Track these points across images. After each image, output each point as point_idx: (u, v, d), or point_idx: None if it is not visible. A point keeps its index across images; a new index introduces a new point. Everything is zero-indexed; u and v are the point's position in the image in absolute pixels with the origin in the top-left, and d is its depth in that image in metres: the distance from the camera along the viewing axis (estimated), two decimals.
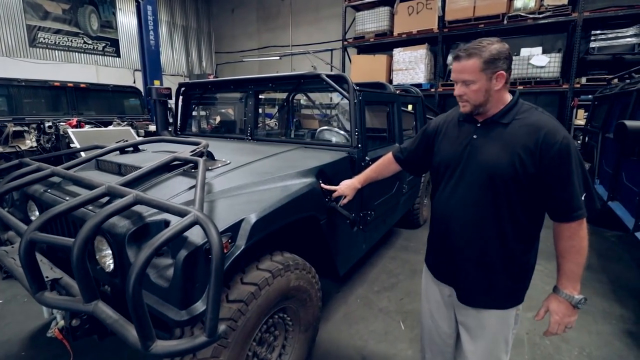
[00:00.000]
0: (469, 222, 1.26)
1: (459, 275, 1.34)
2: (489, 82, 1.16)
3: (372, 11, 7.55)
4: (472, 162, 1.24)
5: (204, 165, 1.60)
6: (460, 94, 1.23)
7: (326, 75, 2.21)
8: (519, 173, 1.14)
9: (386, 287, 3.02)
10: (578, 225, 1.13)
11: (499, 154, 1.18)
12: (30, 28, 8.09)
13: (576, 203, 1.11)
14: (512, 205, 1.18)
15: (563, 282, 1.19)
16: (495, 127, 1.22)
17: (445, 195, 1.33)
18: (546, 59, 5.84)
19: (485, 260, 1.26)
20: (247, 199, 1.53)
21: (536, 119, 1.17)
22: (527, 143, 1.13)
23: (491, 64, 1.14)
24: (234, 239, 1.34)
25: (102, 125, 4.66)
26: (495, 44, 1.15)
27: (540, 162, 1.12)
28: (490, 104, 1.21)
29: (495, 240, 1.23)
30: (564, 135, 1.12)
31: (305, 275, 1.77)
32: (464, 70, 1.18)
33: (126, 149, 2.40)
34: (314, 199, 1.78)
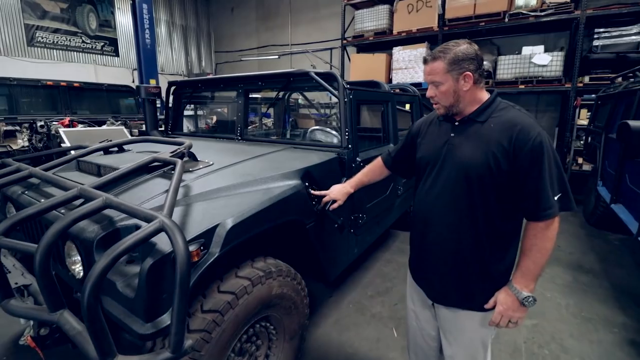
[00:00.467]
0: (444, 220, 1.27)
1: (433, 272, 1.34)
2: (456, 82, 1.18)
3: (371, 9, 7.45)
4: (449, 160, 1.25)
5: (181, 167, 1.52)
6: (431, 96, 1.26)
7: (315, 73, 2.13)
8: (493, 171, 1.14)
9: (380, 291, 2.94)
10: (545, 225, 1.12)
11: (474, 151, 1.18)
12: (28, 27, 8.05)
13: (545, 202, 1.10)
14: (487, 204, 1.19)
15: (517, 276, 1.19)
16: (472, 125, 1.23)
17: (423, 192, 1.35)
18: (548, 57, 5.73)
19: (458, 258, 1.26)
20: (225, 203, 1.45)
21: (511, 116, 1.17)
22: (501, 140, 1.14)
23: (455, 64, 1.16)
24: (207, 245, 1.27)
25: (96, 124, 4.60)
26: (462, 46, 1.17)
27: (514, 159, 1.12)
28: (462, 104, 1.23)
29: (470, 240, 1.23)
30: (538, 132, 1.11)
31: (290, 282, 1.69)
32: (431, 72, 1.21)
33: (110, 149, 2.33)
34: (299, 202, 1.70)
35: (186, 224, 1.30)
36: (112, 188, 1.67)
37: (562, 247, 3.86)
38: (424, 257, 1.38)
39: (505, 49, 6.90)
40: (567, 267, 3.39)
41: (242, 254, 1.60)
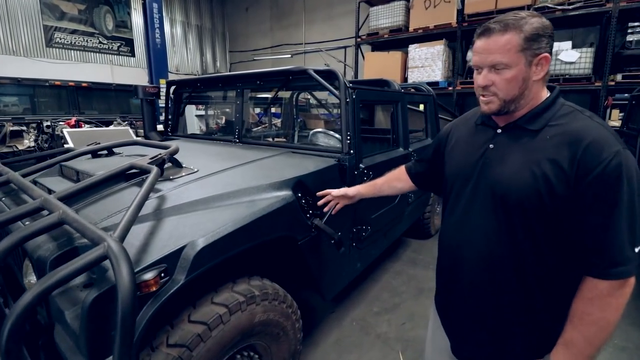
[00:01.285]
0: (478, 259, 0.96)
1: (461, 324, 1.05)
2: (529, 68, 0.85)
3: (386, 6, 7.19)
4: (483, 179, 0.95)
5: (154, 177, 1.36)
6: (486, 84, 0.90)
7: (314, 70, 1.93)
8: (544, 200, 0.83)
9: (387, 308, 2.70)
10: (610, 287, 0.79)
11: (519, 171, 0.87)
12: (47, 28, 8.21)
13: (615, 254, 0.78)
14: (535, 242, 0.87)
15: (559, 353, 0.87)
16: (521, 134, 0.91)
17: (454, 219, 1.04)
18: (576, 54, 5.31)
19: (498, 313, 0.95)
20: (199, 219, 1.27)
21: (579, 126, 0.83)
22: (559, 158, 0.82)
23: (534, 42, 0.83)
24: (170, 271, 1.09)
25: (104, 124, 4.57)
26: (537, 17, 0.85)
27: (575, 188, 0.80)
28: (525, 100, 0.90)
29: (514, 289, 0.92)
30: (615, 150, 0.78)
31: (278, 306, 1.50)
32: (495, 50, 0.86)
33: (99, 153, 2.21)
34: (289, 216, 1.51)
35: (149, 244, 1.13)
36: (85, 197, 1.53)
37: None
38: (452, 303, 1.08)
39: None
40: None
41: (224, 275, 1.42)
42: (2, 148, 3.74)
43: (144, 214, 1.30)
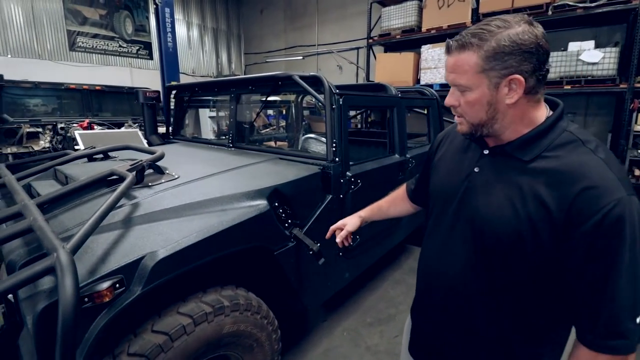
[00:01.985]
0: (453, 289, 0.88)
1: (430, 346, 0.99)
2: (495, 90, 0.73)
3: (398, 6, 7.06)
4: (464, 207, 0.85)
5: (125, 185, 1.36)
6: (451, 105, 0.81)
7: (299, 76, 1.90)
8: (526, 244, 0.72)
9: (381, 319, 2.63)
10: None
11: (500, 206, 0.77)
12: (70, 33, 8.57)
13: (612, 325, 0.66)
14: (514, 285, 0.78)
15: None
16: (507, 162, 0.79)
17: (432, 243, 0.97)
18: (599, 54, 5.02)
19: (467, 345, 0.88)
20: (166, 229, 1.26)
21: (577, 163, 0.70)
22: (547, 199, 0.70)
23: (498, 61, 0.71)
24: (127, 282, 1.08)
25: (115, 126, 4.71)
26: (514, 28, 0.70)
27: (564, 237, 0.68)
28: (499, 125, 0.77)
29: (487, 330, 0.84)
30: (618, 198, 0.65)
31: (250, 317, 1.48)
32: (454, 69, 0.77)
33: (95, 156, 2.26)
34: (262, 225, 1.48)
35: (110, 254, 1.12)
36: (68, 202, 1.55)
37: None
38: (423, 325, 1.02)
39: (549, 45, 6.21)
40: None
41: (195, 283, 1.41)
42: (19, 148, 3.93)
43: (114, 221, 1.31)
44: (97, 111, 4.90)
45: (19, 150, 3.92)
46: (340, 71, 9.77)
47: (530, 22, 0.72)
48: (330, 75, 10.07)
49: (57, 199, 1.45)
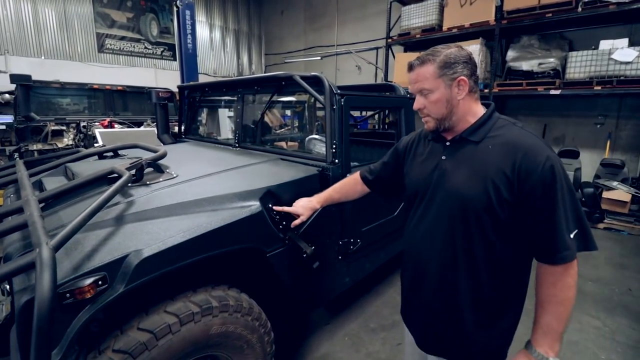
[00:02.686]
0: (437, 261, 1.10)
1: (425, 320, 1.17)
2: (449, 89, 1.02)
3: (419, 5, 6.90)
4: (440, 188, 1.08)
5: (121, 183, 1.38)
6: (419, 107, 1.09)
7: (300, 76, 1.87)
8: (494, 204, 0.97)
9: (385, 325, 2.56)
10: (563, 270, 0.95)
11: (470, 179, 1.01)
12: (99, 35, 8.96)
13: (560, 242, 0.93)
14: (488, 242, 1.01)
15: (537, 337, 1.01)
16: (465, 146, 1.06)
17: (412, 225, 1.19)
18: (634, 52, 4.70)
19: (454, 305, 1.08)
20: (155, 227, 1.27)
21: (514, 136, 1.00)
22: (503, 166, 0.97)
23: (447, 68, 1.01)
24: (111, 280, 1.09)
25: (135, 125, 4.88)
26: (452, 49, 1.03)
27: (519, 191, 0.95)
28: (456, 117, 1.06)
29: (468, 284, 1.05)
30: (547, 155, 0.94)
31: (240, 319, 1.46)
32: (419, 79, 1.05)
33: (105, 154, 2.33)
34: (254, 226, 1.46)
35: (97, 251, 1.14)
36: (72, 198, 1.60)
37: (634, 291, 3.07)
38: (415, 302, 1.21)
39: (578, 43, 5.90)
40: (637, 319, 2.66)
41: (186, 282, 1.41)
42: (44, 145, 4.14)
43: (107, 218, 1.33)
44: (119, 110, 5.10)
45: (44, 147, 4.14)
46: (359, 71, 9.68)
47: (460, 47, 1.05)
48: (349, 76, 9.99)
49: (58, 196, 1.49)
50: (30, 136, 4.18)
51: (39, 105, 4.84)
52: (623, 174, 5.16)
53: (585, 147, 6.00)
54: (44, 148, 4.17)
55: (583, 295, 2.99)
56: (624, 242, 4.26)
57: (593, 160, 5.90)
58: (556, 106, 6.31)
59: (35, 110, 4.30)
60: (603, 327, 2.55)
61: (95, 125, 4.34)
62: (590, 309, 2.77)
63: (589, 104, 5.99)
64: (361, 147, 3.77)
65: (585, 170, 5.60)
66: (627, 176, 5.15)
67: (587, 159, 5.90)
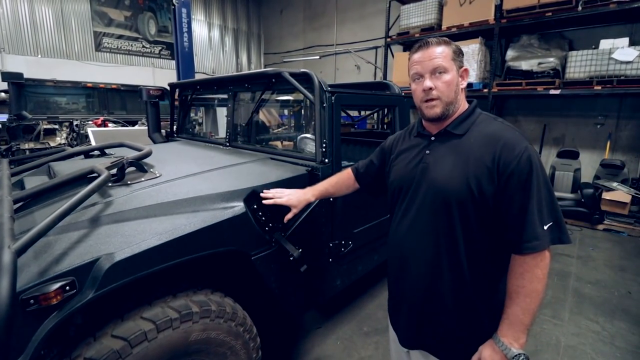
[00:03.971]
0: (420, 254, 1.10)
1: (408, 314, 1.16)
2: (458, 76, 1.07)
3: (418, 4, 6.84)
4: (423, 182, 1.10)
5: (98, 183, 1.32)
6: (429, 87, 1.05)
7: (289, 73, 1.81)
8: (475, 195, 0.99)
9: (378, 329, 2.50)
10: (532, 260, 0.95)
11: (452, 171, 1.03)
12: (97, 34, 8.91)
13: (530, 231, 0.94)
14: (470, 234, 1.02)
15: (504, 328, 1.00)
16: (449, 139, 1.09)
17: (396, 221, 1.19)
18: (634, 52, 4.64)
19: (436, 298, 1.09)
20: (131, 230, 1.21)
21: (493, 130, 1.04)
22: (483, 157, 0.99)
23: (458, 56, 1.07)
24: (80, 285, 1.03)
25: (130, 124, 4.82)
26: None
27: (498, 180, 0.97)
28: (456, 105, 1.08)
29: (450, 277, 1.06)
30: (524, 146, 0.97)
31: (223, 324, 1.41)
32: (436, 56, 1.03)
33: (91, 153, 2.27)
34: (237, 228, 1.40)
35: (67, 254, 1.08)
36: (51, 198, 1.54)
37: (633, 294, 3.01)
38: (399, 297, 1.21)
39: (578, 43, 5.84)
40: (637, 323, 2.60)
41: (168, 285, 1.36)
42: (36, 144, 4.09)
43: (82, 219, 1.27)
44: (113, 109, 5.04)
45: (35, 146, 4.08)
46: (358, 71, 9.63)
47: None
48: (349, 75, 9.93)
49: (35, 196, 1.44)
50: (22, 135, 4.13)
51: (35, 104, 4.79)
52: (623, 174, 5.10)
53: (585, 148, 5.94)
54: (36, 147, 4.11)
55: (581, 298, 2.93)
56: (624, 244, 4.20)
57: (593, 161, 5.83)
58: (556, 106, 6.24)
59: (31, 109, 4.26)
60: (602, 331, 2.49)
61: (88, 124, 4.28)
62: (588, 313, 2.71)
63: (588, 104, 5.92)
64: (358, 147, 3.71)
65: (584, 171, 5.54)
66: (627, 177, 5.09)
67: (586, 159, 5.84)
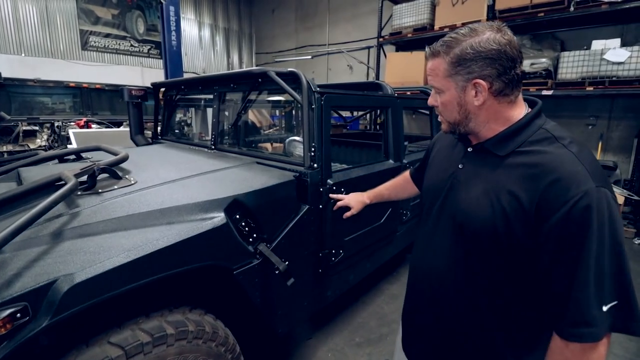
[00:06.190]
0: (437, 279, 0.94)
1: (419, 350, 1.05)
2: (462, 93, 0.82)
3: (411, 4, 6.79)
4: (448, 201, 0.92)
5: (62, 193, 1.20)
6: (433, 105, 0.92)
7: (276, 72, 1.71)
8: (499, 234, 0.77)
9: (372, 339, 2.41)
10: (579, 351, 0.70)
11: (478, 200, 0.83)
12: (83, 32, 8.68)
13: (579, 312, 0.68)
14: (489, 275, 0.83)
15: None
16: (486, 158, 0.86)
17: (422, 236, 1.04)
18: (626, 53, 4.63)
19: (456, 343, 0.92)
20: (93, 245, 1.09)
21: (546, 158, 0.75)
22: (519, 193, 0.75)
23: (460, 66, 0.80)
24: (34, 311, 0.92)
25: (115, 125, 4.66)
26: (480, 36, 0.78)
27: (536, 228, 0.72)
28: (474, 124, 0.85)
29: (467, 321, 0.89)
30: (585, 190, 0.68)
31: (203, 345, 1.30)
32: (430, 73, 0.87)
33: (66, 157, 2.14)
34: (217, 241, 1.29)
35: (21, 275, 0.96)
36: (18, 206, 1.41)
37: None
38: (412, 327, 1.09)
39: (570, 43, 5.83)
40: None
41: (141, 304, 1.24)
42: (15, 147, 3.91)
43: (44, 234, 1.15)
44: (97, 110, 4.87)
45: (14, 149, 3.91)
46: (350, 71, 9.55)
47: (498, 28, 0.78)
48: (341, 75, 9.84)
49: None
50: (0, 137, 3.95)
51: (19, 104, 4.60)
52: (615, 176, 5.09)
53: None
54: (15, 149, 3.94)
55: None
56: None
57: None
58: (548, 107, 6.21)
59: (15, 109, 4.08)
60: None
61: (70, 125, 4.12)
62: None
63: (580, 104, 5.92)
64: (350, 149, 3.62)
65: None
66: (620, 178, 5.09)
67: None
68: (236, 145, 2.47)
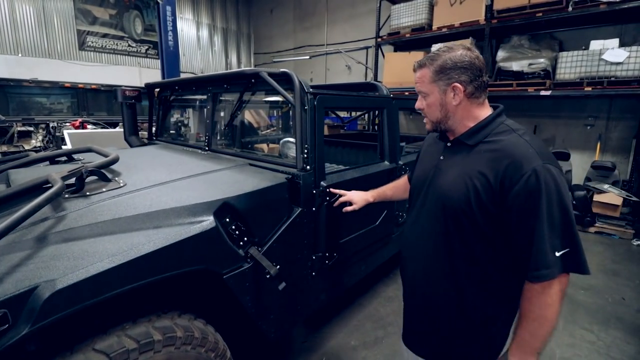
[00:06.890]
0: (422, 261, 1.14)
1: (410, 320, 1.24)
2: (443, 95, 1.04)
3: (409, 4, 6.77)
4: (432, 188, 1.12)
5: (47, 196, 1.17)
6: (419, 108, 1.12)
7: (268, 73, 1.69)
8: (473, 206, 0.97)
9: (367, 342, 2.39)
10: (541, 288, 0.92)
11: (454, 180, 1.03)
12: (80, 33, 8.65)
13: (539, 259, 0.89)
14: (466, 245, 1.02)
15: (513, 348, 1.00)
16: (461, 148, 1.07)
17: (409, 222, 1.23)
18: (624, 53, 4.62)
19: (435, 306, 1.11)
20: (77, 250, 1.07)
21: (505, 144, 0.97)
22: (487, 173, 0.96)
23: (442, 74, 1.02)
24: (14, 318, 0.89)
25: (111, 126, 4.64)
26: (455, 52, 1.01)
27: (501, 202, 0.93)
28: (452, 121, 1.07)
29: (448, 286, 1.07)
30: (534, 166, 0.90)
31: (192, 351, 1.27)
32: (417, 81, 1.09)
33: (57, 159, 2.11)
34: (207, 245, 1.27)
35: (1, 281, 0.93)
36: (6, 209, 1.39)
37: (627, 300, 2.95)
38: (406, 299, 1.26)
39: (569, 43, 5.81)
40: (632, 332, 2.52)
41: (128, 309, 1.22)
42: (9, 147, 3.88)
43: (28, 238, 1.13)
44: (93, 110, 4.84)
45: (9, 150, 3.88)
46: (349, 71, 9.53)
47: (469, 48, 1.02)
48: (339, 76, 9.82)
49: None
50: None
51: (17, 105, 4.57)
52: (614, 176, 5.08)
53: (576, 149, 5.92)
54: (9, 150, 3.91)
55: (575, 305, 2.85)
56: (615, 247, 4.16)
57: (583, 162, 5.82)
58: (546, 107, 6.22)
59: (14, 110, 4.04)
60: (597, 341, 2.41)
61: (65, 125, 4.09)
62: (583, 321, 2.63)
63: (578, 105, 5.91)
64: (347, 150, 3.59)
65: (575, 173, 5.51)
66: (618, 179, 5.07)
67: (577, 161, 5.82)
68: (230, 147, 2.44)
